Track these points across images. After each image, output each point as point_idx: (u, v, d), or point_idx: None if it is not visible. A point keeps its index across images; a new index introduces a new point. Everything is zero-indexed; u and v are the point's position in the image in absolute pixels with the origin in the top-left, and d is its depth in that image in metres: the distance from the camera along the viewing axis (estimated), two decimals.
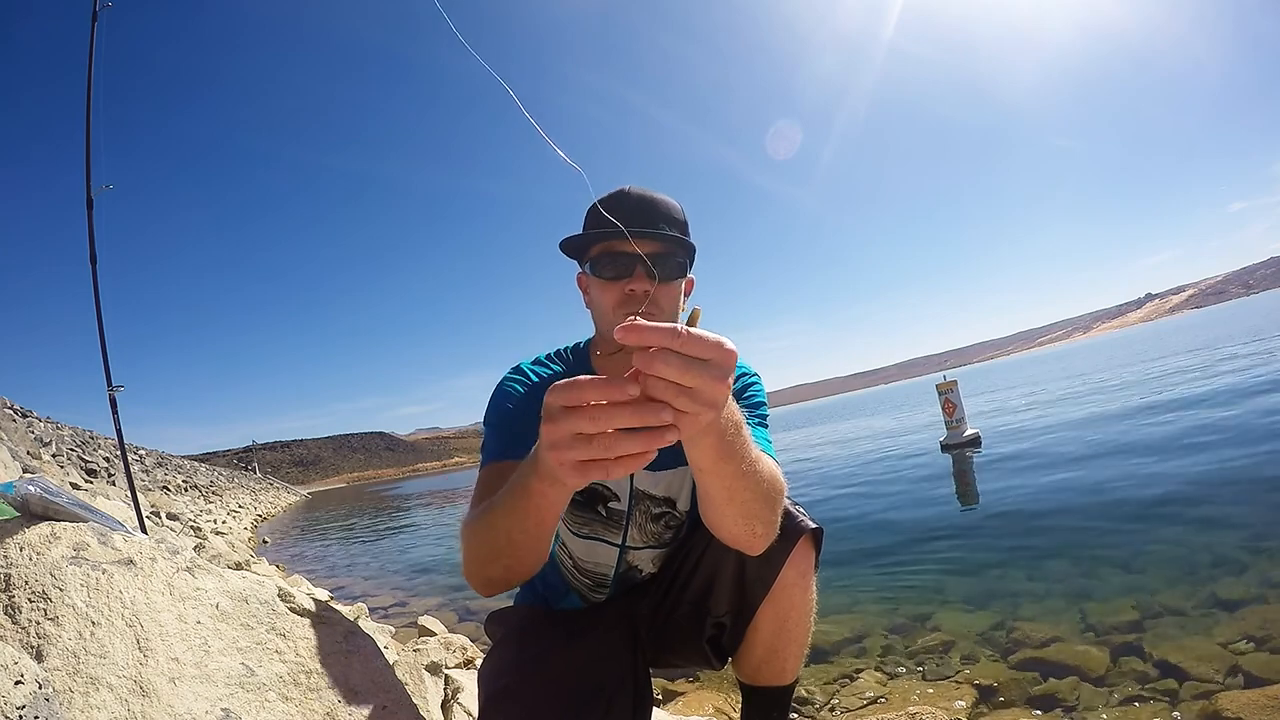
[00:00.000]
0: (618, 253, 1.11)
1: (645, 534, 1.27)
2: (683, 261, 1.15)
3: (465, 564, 0.97)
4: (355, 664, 1.26)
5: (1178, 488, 4.09)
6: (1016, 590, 2.96)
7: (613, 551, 1.27)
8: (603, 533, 1.26)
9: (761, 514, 0.91)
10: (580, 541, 1.27)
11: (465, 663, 2.58)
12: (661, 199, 1.16)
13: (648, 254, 1.10)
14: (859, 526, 4.94)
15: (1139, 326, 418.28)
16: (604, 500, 1.24)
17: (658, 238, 1.10)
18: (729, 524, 0.92)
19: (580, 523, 1.26)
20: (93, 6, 3.26)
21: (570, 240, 1.17)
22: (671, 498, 1.26)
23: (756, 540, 0.95)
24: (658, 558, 1.30)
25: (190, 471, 30.84)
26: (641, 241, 1.10)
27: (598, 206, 1.16)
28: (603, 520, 1.25)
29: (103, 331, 3.13)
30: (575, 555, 1.29)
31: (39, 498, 1.17)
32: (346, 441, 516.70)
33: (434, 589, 5.64)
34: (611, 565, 1.29)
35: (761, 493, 0.88)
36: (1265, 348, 12.43)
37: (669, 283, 1.12)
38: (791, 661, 1.23)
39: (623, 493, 1.24)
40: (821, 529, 1.19)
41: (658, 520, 1.27)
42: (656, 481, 1.24)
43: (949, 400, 8.67)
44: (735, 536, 0.95)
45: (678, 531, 1.30)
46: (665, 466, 1.24)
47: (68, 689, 0.92)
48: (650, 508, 1.26)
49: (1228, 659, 1.97)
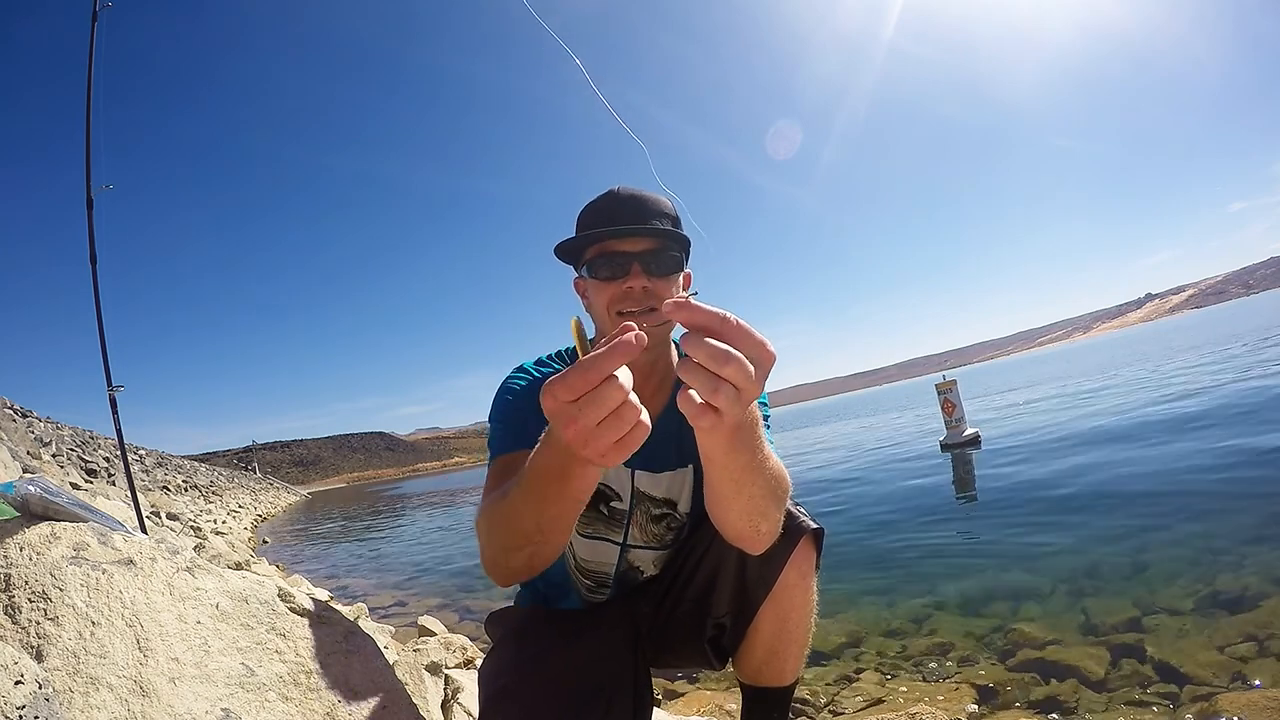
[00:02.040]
0: (612, 253, 1.11)
1: (646, 534, 1.27)
2: (678, 255, 1.14)
3: (487, 555, 0.96)
4: (355, 664, 1.26)
5: (1178, 487, 4.09)
6: (1016, 591, 2.96)
7: (614, 550, 1.27)
8: (604, 531, 1.26)
9: (767, 511, 0.90)
10: (582, 540, 1.27)
11: (465, 663, 2.59)
12: (651, 195, 1.16)
13: (641, 251, 1.10)
14: (858, 526, 4.94)
15: (1139, 326, 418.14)
16: (606, 499, 1.24)
17: (650, 233, 1.11)
18: (734, 519, 0.91)
19: (585, 522, 1.25)
20: (93, 6, 3.26)
21: (564, 244, 1.16)
22: (672, 499, 1.26)
23: (760, 538, 0.94)
24: (659, 559, 1.30)
25: (190, 471, 30.84)
26: (634, 239, 1.10)
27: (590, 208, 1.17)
28: (604, 519, 1.25)
29: (103, 331, 3.13)
30: (577, 554, 1.29)
31: (39, 498, 1.17)
32: (346, 441, 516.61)
33: (434, 589, 5.64)
34: (612, 564, 1.29)
35: (769, 489, 0.87)
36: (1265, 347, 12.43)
37: (666, 278, 1.12)
38: (792, 662, 1.23)
39: (625, 492, 1.24)
40: (823, 529, 1.19)
41: (658, 521, 1.27)
42: (657, 483, 1.24)
43: (948, 400, 8.67)
44: (739, 532, 0.94)
45: (679, 534, 1.29)
46: (666, 468, 1.24)
47: (68, 689, 0.92)
48: (650, 508, 1.25)
49: (1228, 662, 1.97)
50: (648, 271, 1.10)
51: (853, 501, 6.03)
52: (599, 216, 1.14)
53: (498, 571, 0.97)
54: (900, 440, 11.28)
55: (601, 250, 1.13)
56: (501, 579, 0.99)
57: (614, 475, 1.23)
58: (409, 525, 13.22)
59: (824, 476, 8.25)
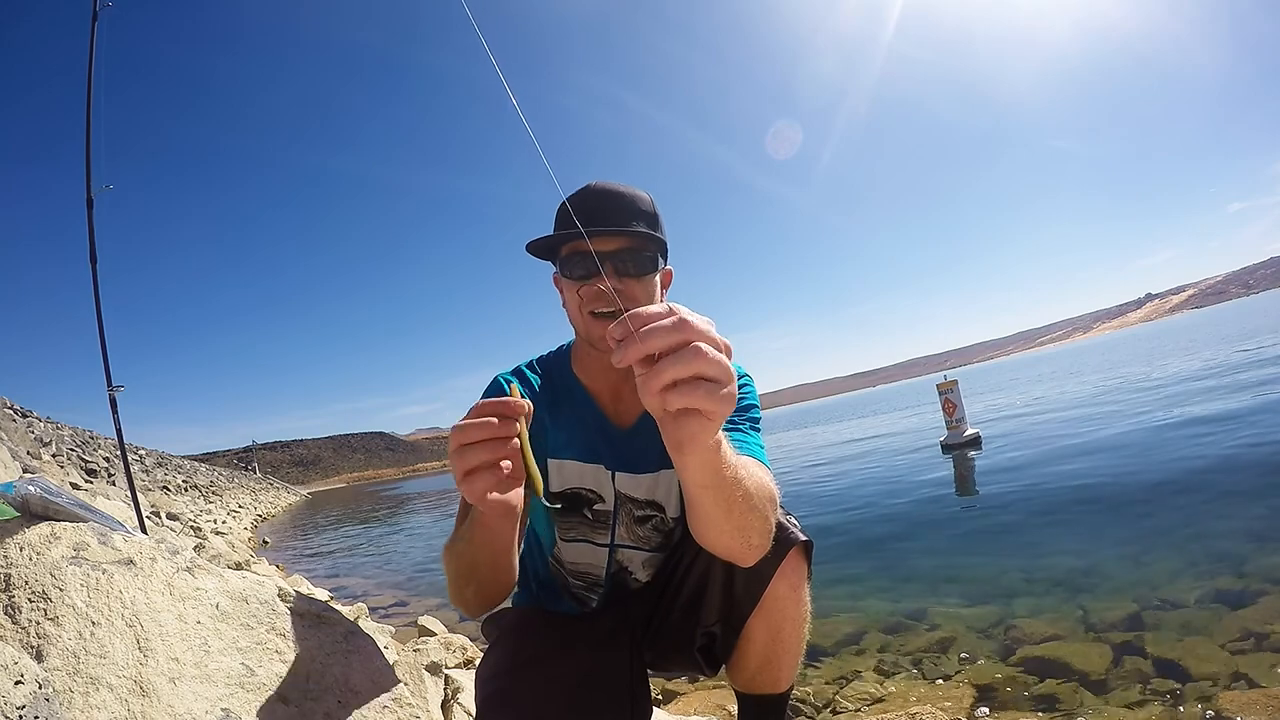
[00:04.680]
0: (585, 252, 1.08)
1: (633, 535, 1.25)
2: (653, 255, 1.10)
3: (449, 588, 1.03)
4: (355, 664, 1.26)
5: (1179, 486, 4.09)
6: (1016, 589, 2.96)
7: (602, 552, 1.26)
8: (590, 534, 1.24)
9: (755, 524, 0.88)
10: (570, 546, 1.26)
11: (465, 663, 2.59)
12: (628, 191, 1.12)
13: (614, 250, 1.06)
14: (858, 526, 4.94)
15: (1139, 326, 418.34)
16: (589, 504, 1.23)
17: (623, 233, 1.07)
18: (724, 539, 0.89)
19: (567, 527, 1.24)
20: (93, 6, 3.26)
21: (537, 242, 1.13)
22: (657, 501, 1.24)
23: (751, 551, 0.92)
24: (649, 561, 1.28)
25: (190, 471, 30.84)
26: (607, 239, 1.06)
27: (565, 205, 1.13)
28: (589, 523, 1.24)
29: (103, 331, 3.13)
30: (566, 561, 1.27)
31: (39, 498, 1.17)
32: (346, 441, 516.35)
33: (434, 589, 5.64)
34: (602, 566, 1.27)
35: (753, 505, 0.85)
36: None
37: (640, 278, 1.08)
38: (786, 671, 1.21)
39: (607, 494, 1.22)
40: (811, 541, 1.16)
41: (643, 523, 1.25)
42: (637, 484, 1.22)
43: (949, 400, 8.67)
44: (729, 549, 0.92)
45: (668, 536, 1.27)
46: (647, 470, 1.21)
47: (68, 689, 0.92)
48: (634, 510, 1.23)
49: (1229, 659, 1.97)
50: (620, 272, 1.07)
51: (853, 501, 6.02)
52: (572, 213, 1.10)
53: (460, 602, 1.04)
54: (901, 440, 11.28)
55: (574, 249, 1.09)
56: (464, 609, 1.04)
57: (593, 477, 1.21)
58: (409, 525, 13.22)
59: (824, 476, 8.26)
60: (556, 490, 1.22)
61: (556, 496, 1.21)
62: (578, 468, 1.21)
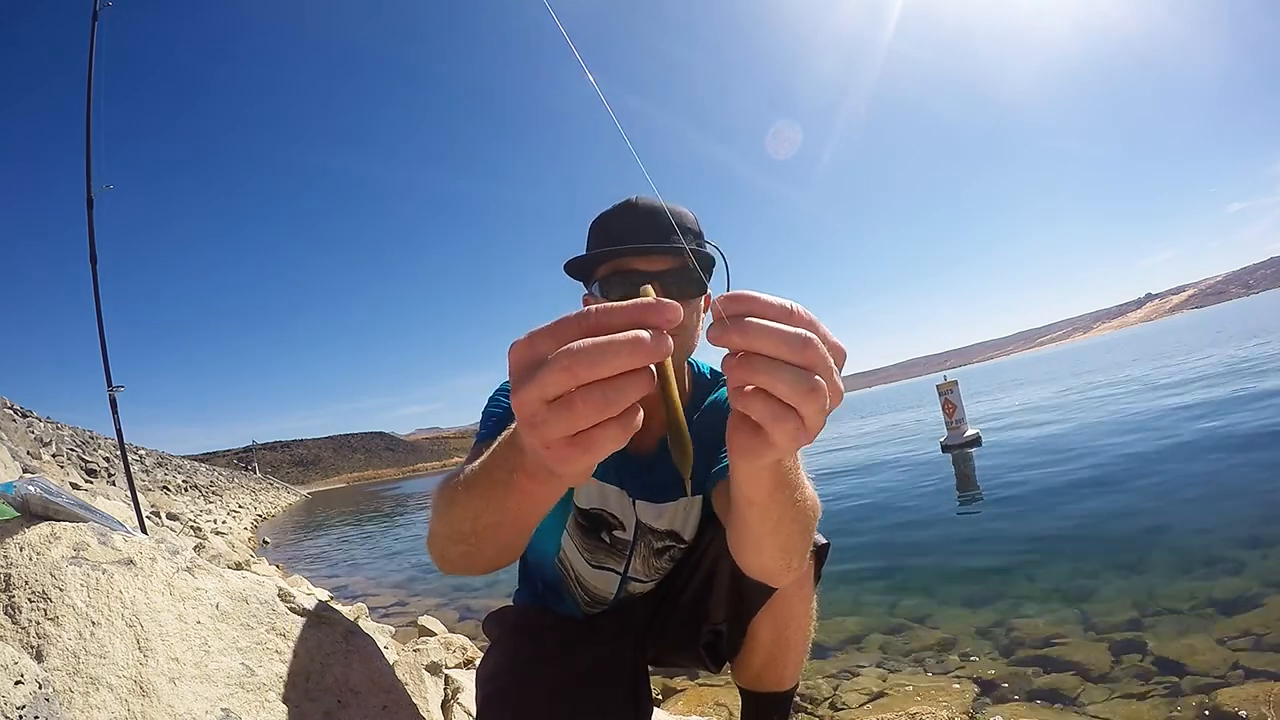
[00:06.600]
0: (628, 271, 1.00)
1: (649, 567, 1.23)
2: (700, 276, 1.02)
3: (430, 533, 0.81)
4: (355, 664, 1.26)
5: (1180, 485, 4.09)
6: (1016, 588, 2.96)
7: (614, 579, 1.24)
8: (605, 560, 1.21)
9: (799, 546, 0.79)
10: (584, 563, 1.23)
11: (465, 662, 2.59)
12: (673, 208, 1.06)
13: (661, 271, 0.99)
14: (859, 525, 4.93)
15: (1139, 326, 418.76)
16: (609, 527, 1.18)
17: (672, 252, 0.99)
18: (763, 558, 0.79)
19: (587, 549, 1.21)
20: (93, 6, 3.26)
21: (577, 261, 1.05)
22: (675, 530, 1.20)
23: (790, 573, 0.84)
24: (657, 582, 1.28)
25: (190, 471, 30.85)
26: (652, 258, 1.00)
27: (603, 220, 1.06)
28: (606, 548, 1.20)
29: (103, 331, 3.14)
30: (577, 571, 1.26)
31: (39, 498, 1.16)
32: (346, 441, 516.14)
33: (434, 589, 5.64)
34: (612, 592, 1.26)
35: (804, 525, 0.74)
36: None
37: (687, 301, 0.98)
38: (791, 669, 1.22)
39: (629, 522, 1.18)
40: (828, 544, 1.15)
41: (661, 555, 1.22)
42: (659, 514, 1.17)
43: (949, 400, 8.66)
44: (764, 569, 0.82)
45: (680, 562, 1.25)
46: (670, 498, 1.16)
47: (68, 689, 0.92)
48: (653, 541, 1.20)
49: (1229, 655, 1.97)
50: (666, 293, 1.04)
51: (854, 501, 6.02)
52: (614, 230, 1.04)
53: (435, 553, 0.82)
54: (901, 440, 11.28)
55: (616, 268, 1.02)
56: (439, 563, 0.82)
57: (616, 501, 1.16)
58: (409, 525, 13.21)
59: (824, 476, 8.25)
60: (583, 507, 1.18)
61: (583, 514, 1.18)
62: (598, 487, 1.16)
